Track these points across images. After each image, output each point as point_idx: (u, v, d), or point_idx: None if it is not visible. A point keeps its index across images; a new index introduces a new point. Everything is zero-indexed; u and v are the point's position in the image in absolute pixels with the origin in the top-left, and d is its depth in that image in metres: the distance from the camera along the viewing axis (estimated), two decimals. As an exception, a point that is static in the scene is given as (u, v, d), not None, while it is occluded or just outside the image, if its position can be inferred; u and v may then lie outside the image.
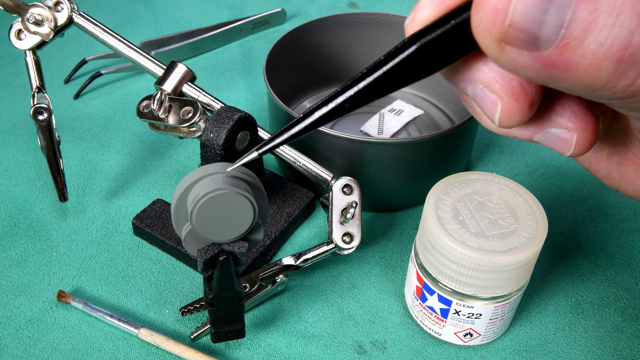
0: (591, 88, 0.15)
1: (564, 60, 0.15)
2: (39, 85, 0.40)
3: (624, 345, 0.37)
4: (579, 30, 0.14)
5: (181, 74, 0.40)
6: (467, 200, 0.34)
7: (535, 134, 0.20)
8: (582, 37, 0.14)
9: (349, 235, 0.38)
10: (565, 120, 0.20)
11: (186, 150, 0.53)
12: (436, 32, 0.17)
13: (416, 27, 0.18)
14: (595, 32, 0.14)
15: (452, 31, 0.17)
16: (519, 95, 0.18)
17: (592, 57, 0.15)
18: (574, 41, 0.14)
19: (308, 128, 0.20)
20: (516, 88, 0.18)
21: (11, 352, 0.36)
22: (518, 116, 0.18)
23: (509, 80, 0.18)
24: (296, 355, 0.37)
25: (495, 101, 0.18)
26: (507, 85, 0.18)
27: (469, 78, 0.19)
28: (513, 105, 0.18)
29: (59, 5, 0.40)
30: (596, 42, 0.14)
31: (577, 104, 0.19)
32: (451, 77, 0.19)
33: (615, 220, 0.46)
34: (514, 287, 0.33)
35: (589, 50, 0.14)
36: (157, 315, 0.39)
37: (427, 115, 0.55)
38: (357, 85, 0.19)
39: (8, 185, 0.49)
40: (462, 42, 0.17)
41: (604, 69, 0.15)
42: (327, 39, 0.55)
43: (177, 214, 0.31)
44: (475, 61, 0.18)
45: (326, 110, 0.20)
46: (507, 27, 0.15)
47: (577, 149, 0.20)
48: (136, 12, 0.76)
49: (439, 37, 0.17)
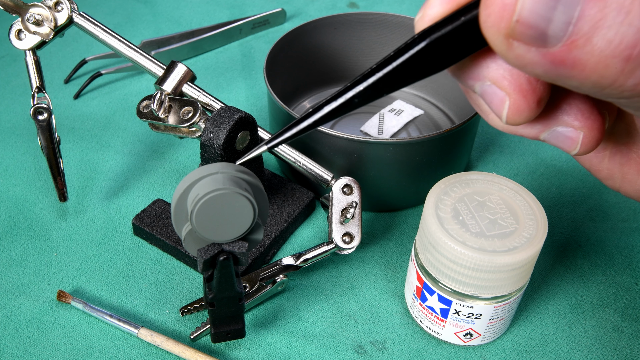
0: (599, 86, 0.15)
1: (572, 58, 0.15)
2: (39, 85, 0.40)
3: (624, 345, 0.37)
4: (587, 27, 0.14)
5: (181, 74, 0.40)
6: (467, 200, 0.34)
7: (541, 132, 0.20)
8: (590, 34, 0.14)
9: (349, 235, 0.38)
10: (571, 118, 0.20)
11: (186, 150, 0.53)
12: (446, 29, 0.17)
13: (426, 23, 0.18)
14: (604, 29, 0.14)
15: (462, 28, 0.17)
16: (527, 92, 0.18)
17: (600, 54, 0.14)
18: (581, 38, 0.14)
19: (317, 123, 0.20)
20: (524, 85, 0.18)
21: (11, 352, 0.37)
22: (526, 113, 0.18)
23: (517, 77, 0.18)
24: (296, 355, 0.37)
25: (503, 98, 0.18)
26: (515, 82, 0.18)
27: (477, 75, 0.19)
28: (521, 103, 0.18)
29: (59, 5, 0.40)
30: (604, 40, 0.14)
31: (583, 103, 0.19)
32: (459, 74, 0.19)
33: (615, 220, 0.46)
34: (514, 287, 0.33)
35: (597, 47, 0.14)
36: (157, 315, 0.39)
37: (427, 115, 0.55)
38: (367, 81, 0.19)
39: (8, 185, 0.49)
40: (471, 39, 0.17)
41: (612, 67, 0.15)
42: (327, 39, 0.55)
43: (177, 214, 0.31)
44: (484, 58, 0.18)
45: (335, 105, 0.20)
46: (515, 23, 0.15)
47: (584, 147, 0.20)
48: (136, 12, 0.76)
49: (449, 33, 0.17)
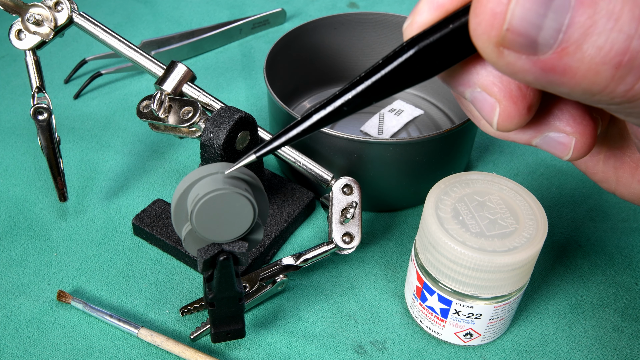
0: (589, 93, 0.15)
1: (562, 65, 0.15)
2: (39, 85, 0.40)
3: (624, 345, 0.37)
4: (578, 34, 0.14)
5: (181, 74, 0.40)
6: (467, 200, 0.34)
7: (533, 138, 0.20)
8: (581, 41, 0.14)
9: (349, 235, 0.38)
10: (563, 124, 0.20)
11: (186, 150, 0.53)
12: (435, 36, 0.17)
13: (415, 30, 0.18)
14: (594, 36, 0.14)
15: (451, 35, 0.17)
16: (517, 98, 0.18)
17: (590, 61, 0.14)
18: (572, 45, 0.14)
19: (306, 131, 0.20)
20: (514, 92, 0.18)
21: (11, 352, 0.37)
22: (516, 120, 0.18)
23: (507, 83, 0.18)
24: (296, 355, 0.37)
25: (494, 104, 0.18)
26: (505, 88, 0.18)
27: (467, 81, 0.19)
28: (511, 109, 0.18)
29: (59, 5, 0.40)
30: (594, 47, 0.14)
31: (575, 108, 0.19)
32: (449, 81, 0.19)
33: (615, 220, 0.46)
34: (514, 287, 0.33)
35: (587, 54, 0.14)
36: (157, 315, 0.39)
37: (427, 115, 0.55)
38: (355, 89, 0.19)
39: (8, 185, 0.49)
40: (460, 46, 0.17)
41: (602, 74, 0.15)
42: (327, 39, 0.55)
43: (177, 214, 0.31)
44: (474, 65, 0.18)
45: (324, 113, 0.20)
46: (505, 31, 0.15)
47: (576, 152, 0.20)
48: (136, 12, 0.76)
49: (438, 41, 0.17)
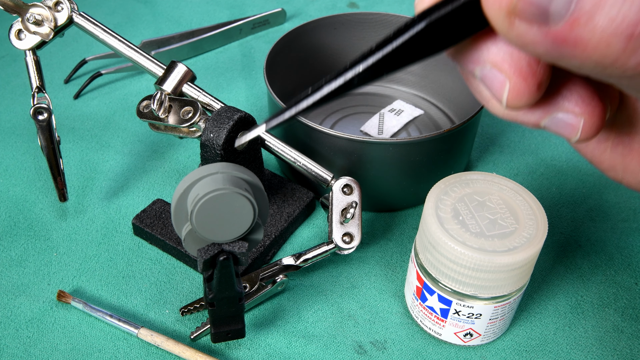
0: (601, 66, 0.15)
1: (574, 36, 0.15)
2: (39, 85, 0.40)
3: (624, 345, 0.37)
4: (590, 5, 0.14)
5: (181, 74, 0.40)
6: (467, 200, 0.34)
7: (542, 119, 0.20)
8: (593, 12, 0.14)
9: (349, 235, 0.38)
10: (572, 104, 0.19)
11: (186, 150, 0.53)
12: (446, 9, 0.17)
13: (426, 4, 0.18)
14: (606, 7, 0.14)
15: (462, 8, 0.17)
16: (527, 75, 0.18)
17: (602, 33, 0.14)
18: (584, 16, 0.14)
19: (317, 103, 0.20)
20: (524, 68, 0.18)
21: (11, 352, 0.37)
22: (526, 97, 0.18)
23: (517, 60, 0.18)
24: (296, 355, 0.37)
25: (504, 81, 0.18)
26: (515, 65, 0.18)
27: (477, 58, 0.19)
28: (521, 86, 0.18)
29: (59, 5, 0.40)
30: (606, 18, 0.14)
31: (584, 89, 0.19)
32: (459, 58, 0.19)
33: (615, 220, 0.46)
34: (514, 287, 0.33)
35: (599, 26, 0.14)
36: (157, 315, 0.39)
37: (427, 115, 0.55)
38: (366, 62, 0.19)
39: (8, 185, 0.49)
40: (471, 20, 0.17)
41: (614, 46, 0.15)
42: (327, 39, 0.55)
43: (177, 214, 0.31)
44: (484, 41, 0.18)
45: (335, 86, 0.19)
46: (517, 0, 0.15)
47: (584, 134, 0.20)
48: (136, 12, 0.76)
49: (449, 14, 0.17)
